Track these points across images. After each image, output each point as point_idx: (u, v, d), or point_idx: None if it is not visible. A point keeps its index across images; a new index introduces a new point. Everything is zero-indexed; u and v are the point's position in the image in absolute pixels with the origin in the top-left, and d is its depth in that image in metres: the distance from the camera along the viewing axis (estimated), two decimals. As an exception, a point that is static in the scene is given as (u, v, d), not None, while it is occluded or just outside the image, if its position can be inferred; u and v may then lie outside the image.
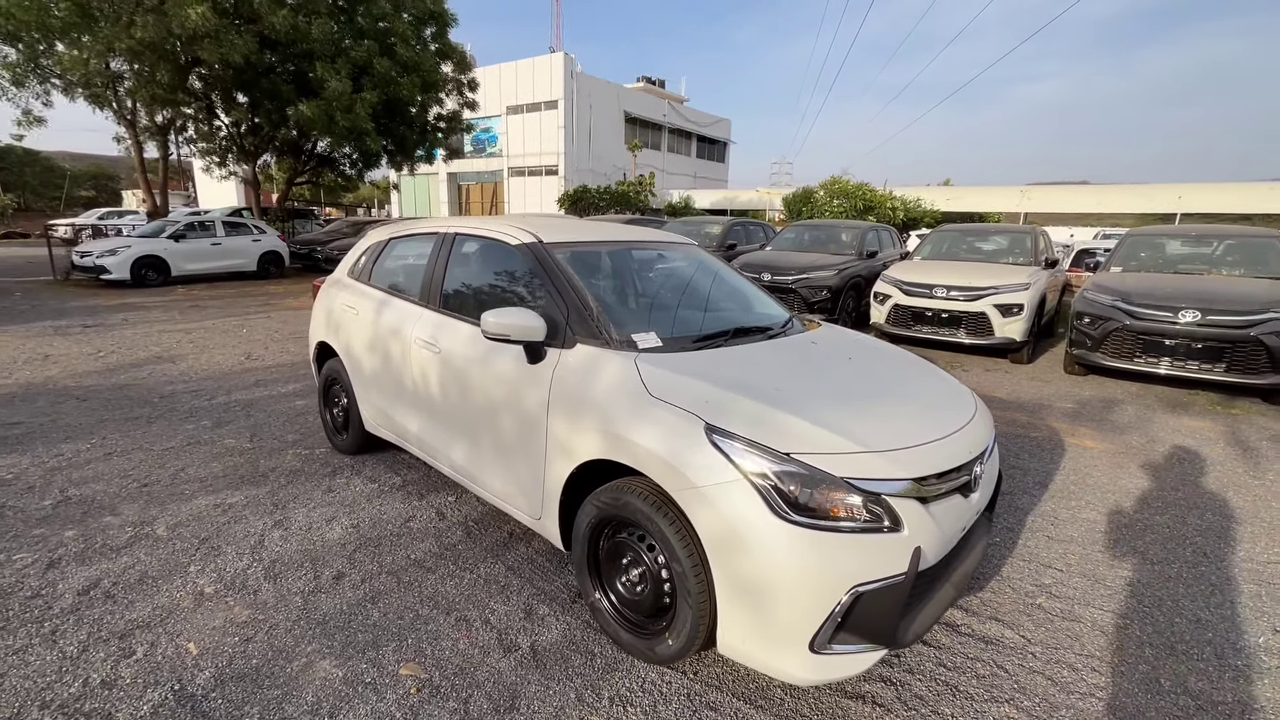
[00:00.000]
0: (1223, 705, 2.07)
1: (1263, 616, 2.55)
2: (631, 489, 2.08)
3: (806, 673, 1.77)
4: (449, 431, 2.90)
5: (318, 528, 3.05)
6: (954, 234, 9.08)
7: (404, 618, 2.40)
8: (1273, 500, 3.65)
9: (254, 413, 4.87)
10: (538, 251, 2.68)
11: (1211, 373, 5.62)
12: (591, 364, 2.25)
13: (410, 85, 14.61)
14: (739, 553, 1.77)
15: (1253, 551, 3.06)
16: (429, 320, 3.00)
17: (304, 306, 10.54)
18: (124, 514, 3.16)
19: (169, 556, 2.77)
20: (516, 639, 2.30)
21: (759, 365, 2.32)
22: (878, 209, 23.16)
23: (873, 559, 1.75)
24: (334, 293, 3.81)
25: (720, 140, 43.71)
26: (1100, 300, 6.19)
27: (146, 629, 2.28)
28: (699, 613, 1.92)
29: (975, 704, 2.03)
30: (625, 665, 2.17)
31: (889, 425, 2.01)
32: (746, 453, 1.81)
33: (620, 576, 2.22)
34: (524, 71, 31.08)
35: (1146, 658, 2.29)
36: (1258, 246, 6.81)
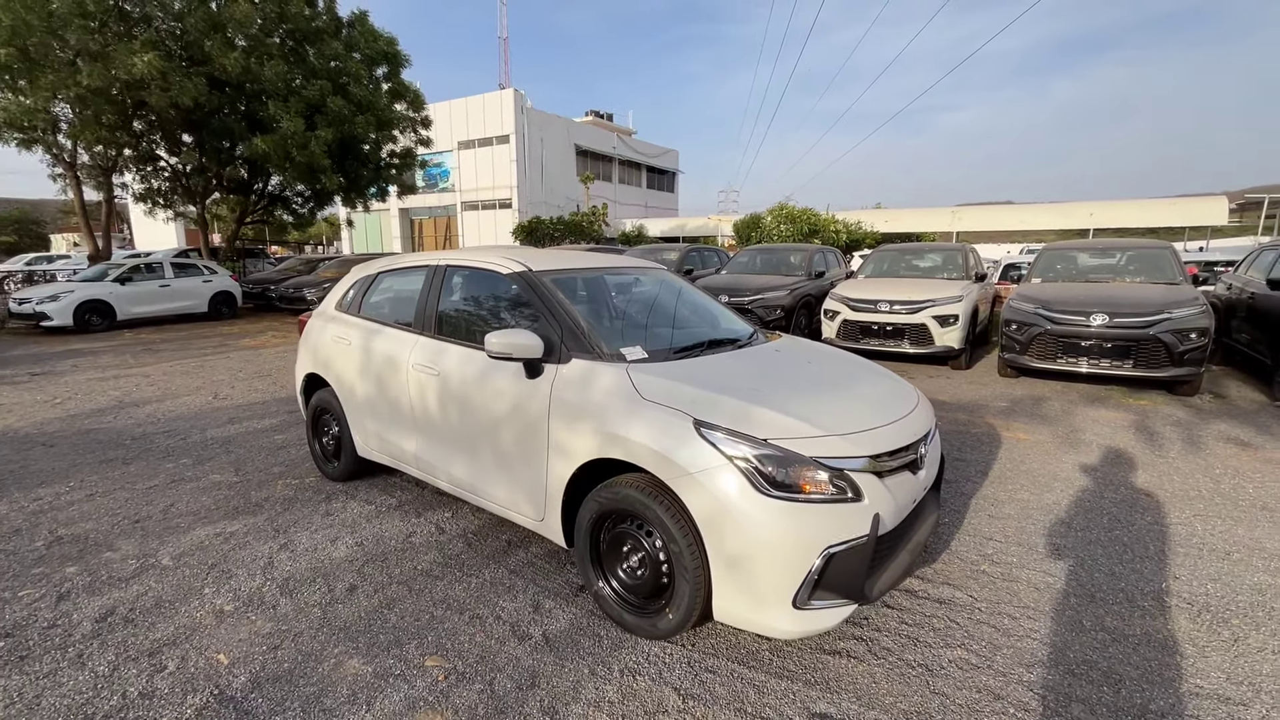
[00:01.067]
0: (1131, 637, 2.46)
1: (1165, 568, 3.00)
2: (629, 483, 2.36)
3: (792, 625, 2.07)
4: (449, 448, 3.12)
5: (323, 547, 3.20)
6: (893, 253, 9.80)
7: (420, 619, 2.59)
8: (1174, 475, 4.19)
9: (233, 449, 4.92)
10: (529, 279, 2.97)
11: (1121, 368, 6.30)
12: (587, 375, 2.54)
13: (364, 123, 14.76)
14: (729, 527, 2.07)
15: (1158, 517, 3.55)
16: (426, 346, 3.23)
17: (263, 346, 10.43)
18: (123, 549, 3.23)
19: (180, 582, 2.87)
20: (528, 629, 2.52)
21: (733, 370, 2.66)
22: (822, 232, 24.28)
23: (840, 525, 2.08)
24: (323, 325, 3.99)
25: (669, 170, 45.03)
26: (1025, 308, 6.85)
27: (173, 646, 2.41)
28: (695, 586, 2.20)
29: (933, 650, 2.37)
30: (630, 643, 2.42)
31: (846, 413, 2.36)
32: (730, 441, 2.13)
33: (621, 564, 2.48)
34: (475, 107, 31.54)
35: (1071, 605, 2.68)
36: (1153, 256, 7.67)
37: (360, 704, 2.10)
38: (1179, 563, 3.04)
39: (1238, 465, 4.36)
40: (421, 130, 17.38)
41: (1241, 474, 4.20)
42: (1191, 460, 4.47)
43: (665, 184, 44.95)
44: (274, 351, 9.78)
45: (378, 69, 16.02)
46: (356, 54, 15.35)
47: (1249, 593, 2.78)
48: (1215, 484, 4.04)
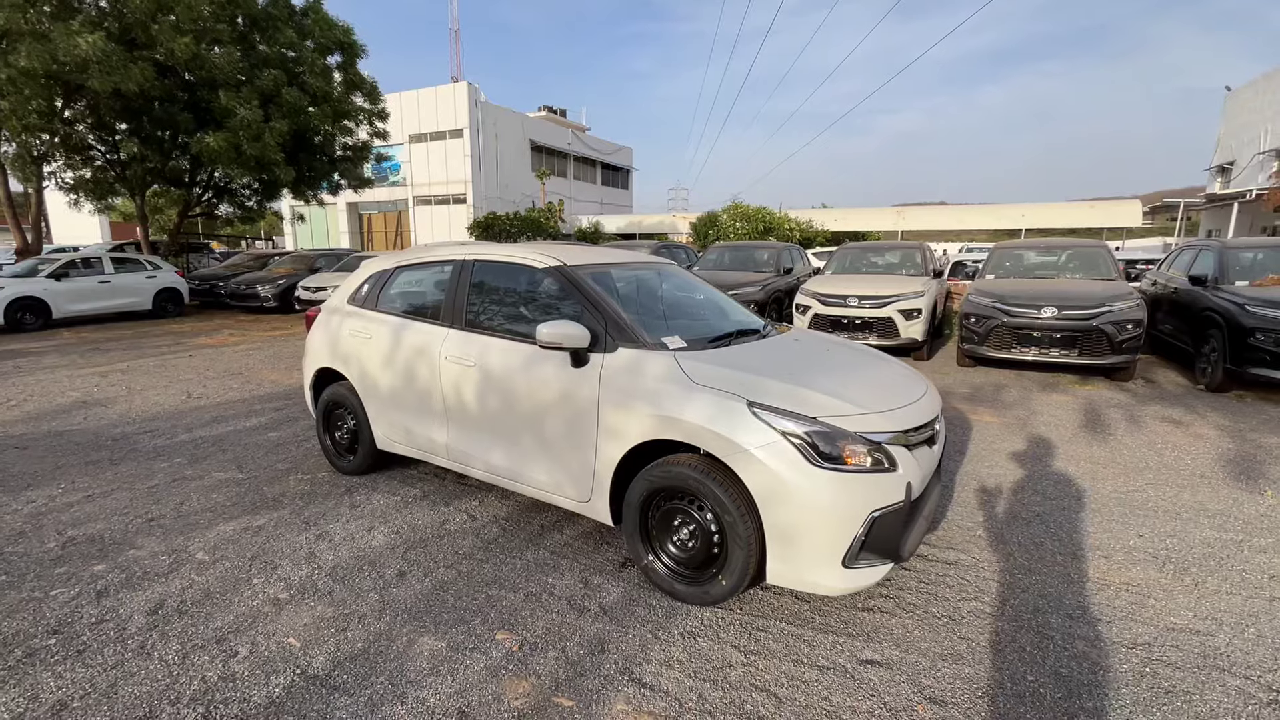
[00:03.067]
0: (1112, 585, 2.83)
1: (1129, 527, 3.41)
2: (682, 461, 2.55)
3: (842, 583, 2.31)
4: (486, 436, 3.23)
5: (360, 537, 3.25)
6: (856, 250, 10.31)
7: (476, 599, 2.70)
8: (1124, 451, 4.69)
9: (228, 448, 4.82)
10: (567, 273, 3.12)
11: (1068, 357, 6.90)
12: (636, 363, 2.72)
13: (320, 115, 14.30)
14: (785, 497, 2.29)
15: (1116, 486, 4.00)
16: (458, 338, 3.32)
17: (223, 344, 10.04)
18: (147, 546, 3.19)
19: (224, 574, 2.88)
20: (584, 603, 2.68)
21: (766, 357, 2.89)
22: (776, 230, 25.00)
23: (881, 492, 2.33)
24: (338, 320, 3.99)
25: (623, 167, 45.17)
26: (982, 302, 7.40)
27: (239, 633, 2.45)
28: (747, 554, 2.42)
29: (952, 603, 2.67)
30: (682, 610, 2.61)
31: (876, 394, 2.63)
32: (782, 419, 2.35)
33: (672, 537, 2.67)
34: (427, 100, 30.79)
35: (1060, 561, 3.04)
36: (1091, 254, 8.40)
37: (443, 674, 2.22)
38: (1140, 523, 3.46)
39: (1175, 441, 4.92)
40: (378, 123, 16.94)
41: (1179, 448, 4.74)
42: (1137, 437, 5.00)
43: (620, 181, 45.07)
44: (237, 350, 9.45)
45: (332, 58, 15.52)
46: (310, 42, 14.84)
47: (1201, 546, 3.21)
48: (1159, 457, 4.55)
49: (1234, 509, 3.65)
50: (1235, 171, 30.28)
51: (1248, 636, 2.46)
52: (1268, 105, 27.57)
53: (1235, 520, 3.50)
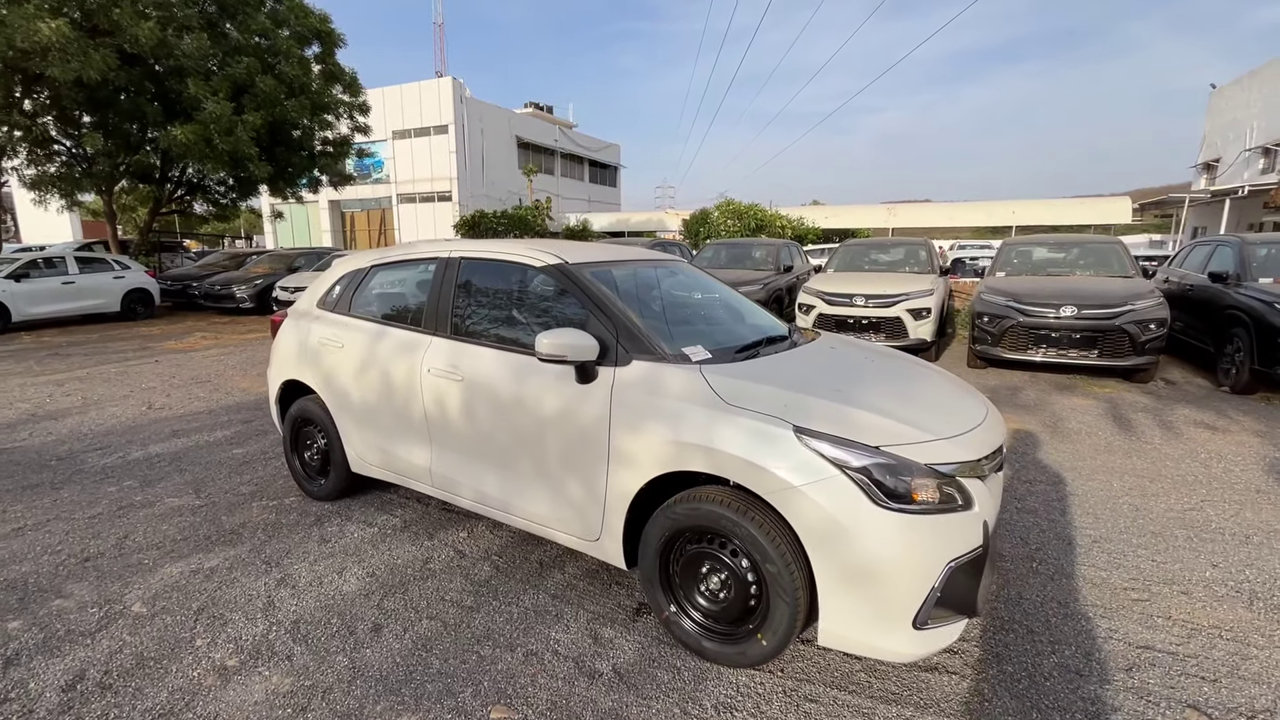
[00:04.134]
0: (1203, 628, 2.45)
1: (1200, 556, 3.04)
2: (712, 497, 2.13)
3: (913, 649, 1.91)
4: (475, 461, 2.79)
5: (329, 580, 2.79)
6: (859, 247, 9.94)
7: (466, 661, 2.27)
8: (1166, 461, 4.34)
9: (186, 466, 4.33)
10: (569, 272, 2.68)
11: (1087, 358, 6.57)
12: (653, 379, 2.29)
13: (299, 107, 13.68)
14: (844, 544, 1.88)
15: (1170, 504, 3.63)
16: (442, 348, 2.87)
17: (192, 348, 9.48)
18: (76, 594, 2.71)
19: (163, 633, 2.42)
20: (595, 664, 2.25)
21: (804, 370, 2.47)
22: (768, 227, 24.66)
23: (957, 535, 1.93)
24: (305, 326, 3.52)
25: (611, 165, 44.62)
26: (996, 301, 7.05)
27: (171, 717, 1.99)
28: (794, 609, 2.01)
29: (1028, 658, 2.27)
30: (713, 673, 2.20)
31: (939, 415, 2.22)
32: (839, 449, 1.94)
33: (699, 586, 2.25)
34: (410, 95, 30.03)
35: (1131, 600, 2.66)
36: (1104, 251, 8.08)
37: (426, 773, 1.78)
38: (1211, 550, 3.09)
39: (1217, 449, 4.58)
40: (359, 116, 16.32)
41: (1224, 458, 4.40)
42: (1175, 446, 4.66)
43: (608, 178, 44.53)
44: (207, 355, 8.89)
45: (309, 48, 14.90)
46: (285, 30, 14.21)
47: (1284, 576, 2.85)
48: (1206, 469, 4.21)
49: (1305, 530, 3.30)
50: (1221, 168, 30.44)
51: (1377, 696, 2.09)
52: (1254, 102, 27.71)
53: (1312, 544, 3.15)
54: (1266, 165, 26.85)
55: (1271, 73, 27.42)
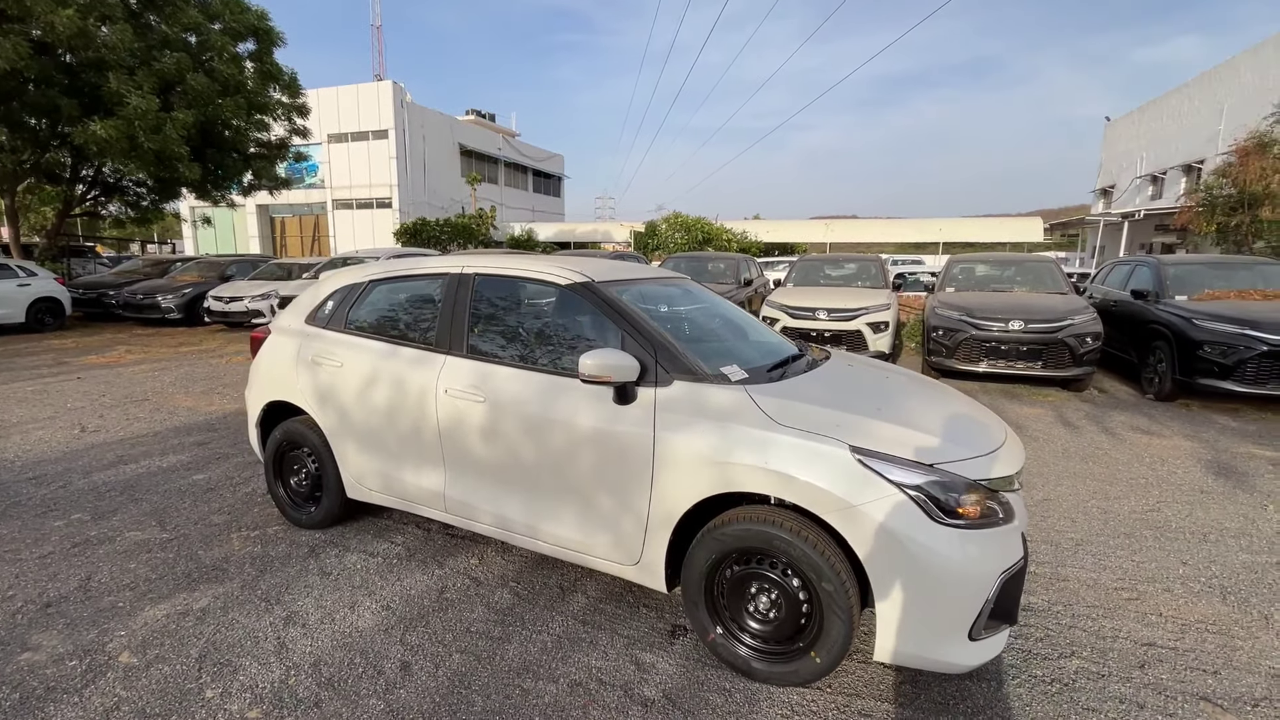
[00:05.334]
0: (1192, 622, 2.66)
1: (1171, 555, 3.30)
2: (763, 518, 2.14)
3: (969, 659, 1.97)
4: (497, 485, 2.69)
5: (341, 616, 2.62)
6: (814, 262, 10.31)
7: (510, 697, 2.17)
8: (1118, 465, 4.70)
9: (141, 496, 3.97)
10: (598, 291, 2.64)
11: (1033, 369, 7.05)
12: (698, 399, 2.29)
13: (234, 106, 12.91)
14: (903, 560, 1.93)
15: (1133, 507, 3.93)
16: (460, 368, 2.76)
17: (118, 362, 8.73)
18: (46, 646, 2.43)
19: (164, 685, 2.19)
20: (643, 691, 2.21)
21: (837, 388, 2.53)
22: (715, 240, 25.20)
23: (1005, 547, 2.02)
24: (295, 343, 3.31)
25: (555, 175, 44.43)
26: (950, 315, 7.46)
27: (198, 779, 1.81)
28: (849, 626, 2.04)
29: (1053, 662, 2.40)
30: (764, 694, 2.20)
31: (973, 432, 2.32)
32: (895, 468, 1.99)
33: (747, 607, 2.25)
34: (348, 98, 28.89)
35: (1118, 594, 2.85)
36: (1040, 269, 8.71)
37: (496, 821, 1.69)
38: (1177, 549, 3.36)
39: (1158, 453, 5.00)
40: (298, 119, 15.58)
41: (1167, 461, 4.81)
42: (1122, 450, 5.06)
43: (551, 188, 44.29)
44: (137, 370, 8.20)
45: (243, 45, 14.12)
46: (218, 24, 13.42)
47: (1244, 571, 3.13)
48: (1153, 471, 4.58)
49: (1250, 527, 3.64)
50: (1116, 194, 33.50)
51: (1348, 678, 2.32)
52: (1144, 134, 30.69)
53: (1259, 540, 3.47)
54: (1155, 192, 29.75)
55: (1157, 109, 30.47)
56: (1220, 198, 12.40)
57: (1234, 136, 13.41)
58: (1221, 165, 13.02)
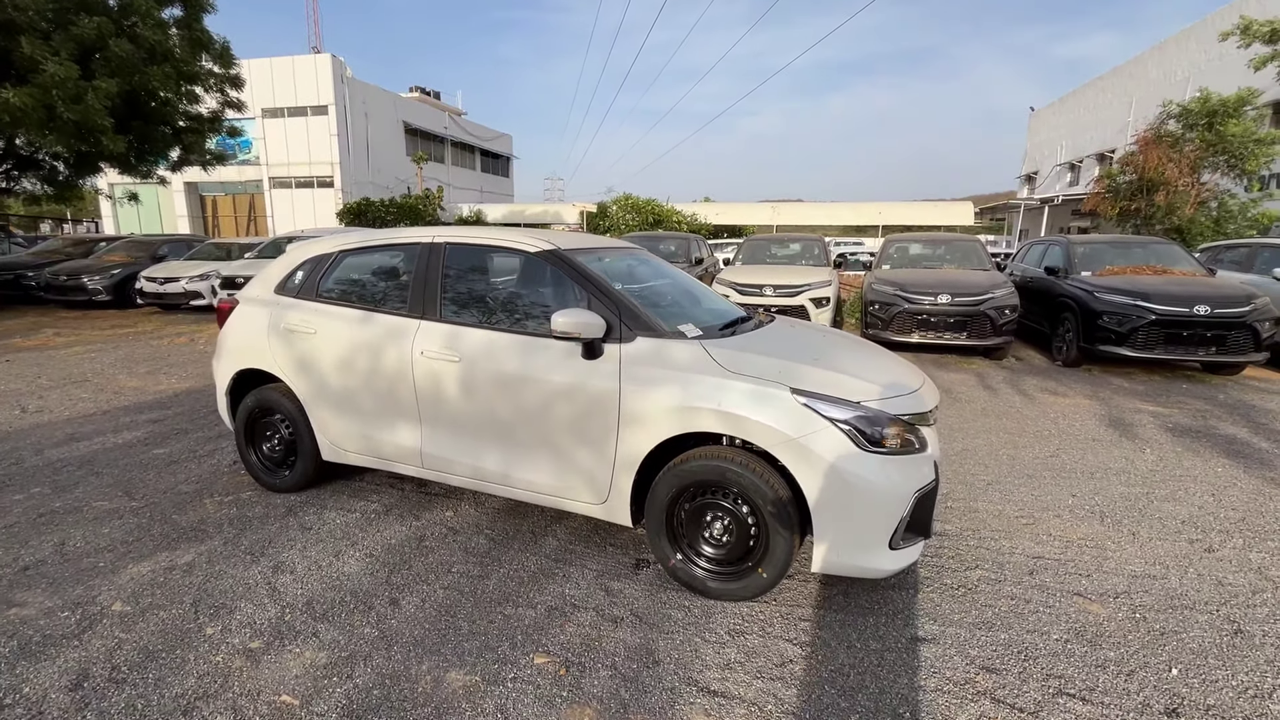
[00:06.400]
0: (1074, 541, 3.15)
1: (1064, 488, 3.82)
2: (717, 454, 2.45)
3: (891, 564, 2.34)
4: (473, 439, 2.90)
5: (328, 564, 2.79)
6: (761, 242, 10.73)
7: (494, 621, 2.42)
8: (1028, 420, 5.27)
9: (100, 470, 3.97)
10: (565, 258, 2.87)
11: (959, 339, 7.67)
12: (659, 353, 2.56)
13: (162, 76, 12.22)
14: (836, 484, 2.27)
15: (1038, 452, 4.47)
16: (435, 331, 2.95)
17: (46, 345, 8.34)
18: (33, 602, 2.51)
19: (163, 627, 2.33)
20: (613, 612, 2.49)
21: (780, 343, 2.85)
22: (665, 222, 25.45)
23: (918, 471, 2.38)
24: (266, 313, 3.39)
25: (503, 155, 43.62)
26: (885, 290, 7.99)
27: (212, 698, 1.98)
28: (790, 544, 2.38)
29: (959, 573, 2.82)
30: (719, 608, 2.52)
31: (893, 377, 2.68)
32: (828, 405, 2.32)
33: (702, 534, 2.56)
34: (283, 71, 27.47)
35: (1023, 523, 3.32)
36: (966, 247, 9.38)
37: (491, 713, 1.95)
38: (1069, 484, 3.88)
39: (1061, 410, 5.62)
40: (231, 91, 14.84)
41: (1068, 416, 5.42)
42: (1031, 408, 5.65)
43: (500, 169, 43.49)
44: (70, 353, 7.87)
45: (170, 9, 13.32)
46: (140, -12, 12.61)
47: (1121, 500, 3.67)
48: (1056, 424, 5.17)
49: (1129, 466, 4.22)
50: (1039, 180, 35.56)
51: (1190, 576, 2.83)
52: (1064, 124, 32.64)
53: (1135, 476, 4.04)
54: (1072, 179, 31.75)
55: (1075, 101, 32.40)
56: (1123, 184, 13.52)
57: (1139, 127, 14.58)
58: (1125, 154, 14.16)
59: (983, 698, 2.03)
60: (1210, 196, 12.59)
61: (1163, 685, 2.11)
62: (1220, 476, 4.04)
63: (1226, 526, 3.33)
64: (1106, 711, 1.98)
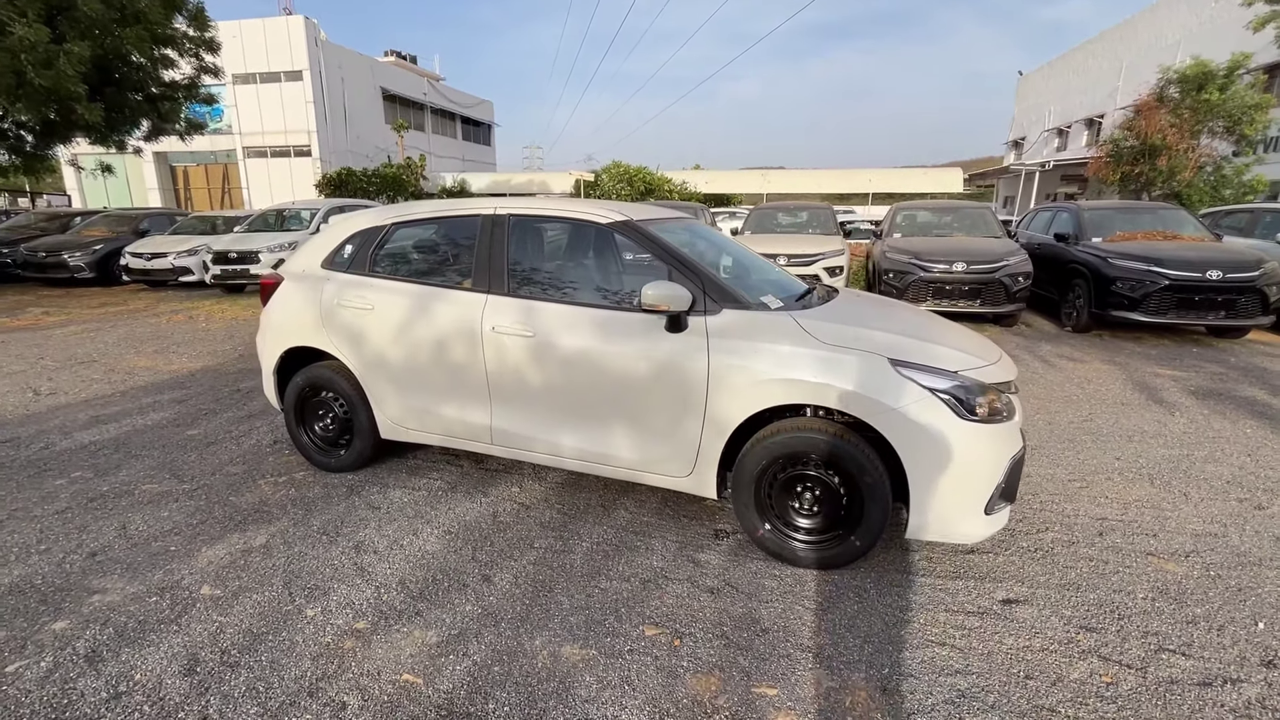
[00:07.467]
0: (1129, 501, 3.23)
1: (1107, 451, 3.90)
2: (808, 426, 2.45)
3: (986, 529, 2.38)
4: (548, 415, 2.87)
5: (408, 542, 2.76)
6: (769, 211, 10.65)
7: (592, 595, 2.42)
8: (1055, 386, 5.37)
9: (139, 453, 3.87)
10: (640, 229, 2.80)
11: (973, 306, 7.73)
12: (749, 326, 2.53)
13: (135, 38, 11.60)
14: (936, 453, 2.28)
15: (1073, 417, 4.56)
16: (506, 306, 2.88)
17: (37, 325, 8.06)
18: (115, 588, 2.46)
19: (260, 609, 2.30)
20: (708, 582, 2.51)
21: (863, 314, 2.83)
22: (657, 191, 25.16)
23: (1010, 439, 2.41)
24: (317, 288, 3.28)
25: (485, 122, 42.49)
26: (900, 259, 8.00)
27: (333, 679, 1.97)
28: (885, 513, 2.40)
29: (1034, 535, 2.88)
30: (810, 576, 2.55)
31: (979, 348, 2.69)
32: (928, 375, 2.32)
33: (792, 504, 2.58)
34: (253, 34, 26.19)
35: (1073, 485, 3.40)
36: (976, 215, 9.40)
37: (617, 686, 1.96)
38: (1112, 447, 3.98)
39: (1084, 375, 5.72)
40: (207, 55, 14.16)
41: (1093, 381, 5.53)
42: (1055, 374, 5.75)
43: (482, 136, 42.40)
44: (67, 333, 7.62)
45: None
46: (106, -57, 11.86)
47: (1165, 462, 3.76)
48: (1083, 390, 5.27)
49: (1163, 429, 4.32)
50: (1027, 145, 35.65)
51: (1249, 534, 2.92)
52: (1052, 89, 32.60)
53: (1171, 438, 4.15)
54: (1060, 144, 31.87)
55: (1064, 65, 32.31)
56: (1125, 149, 13.61)
57: (1138, 92, 14.61)
58: (1126, 119, 14.22)
59: (1090, 655, 2.09)
60: (1209, 161, 12.74)
61: (1254, 639, 2.18)
62: (1250, 438, 4.16)
63: (1269, 486, 3.44)
64: (1208, 665, 2.05)
